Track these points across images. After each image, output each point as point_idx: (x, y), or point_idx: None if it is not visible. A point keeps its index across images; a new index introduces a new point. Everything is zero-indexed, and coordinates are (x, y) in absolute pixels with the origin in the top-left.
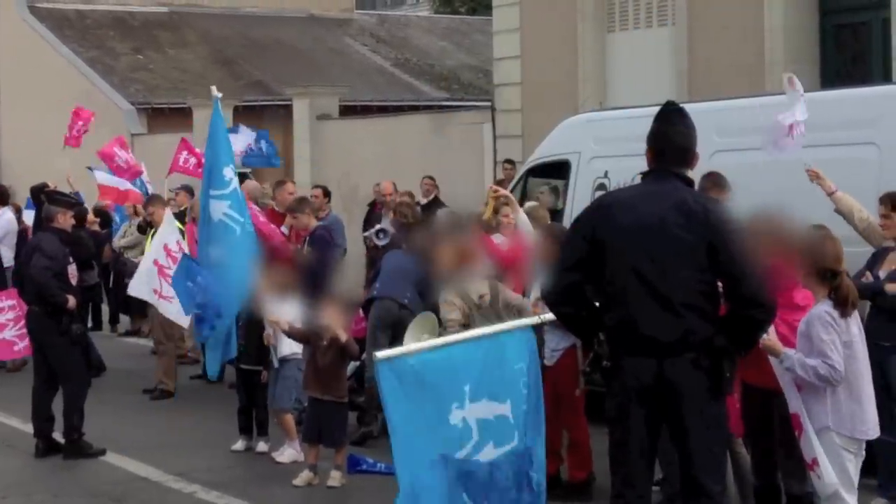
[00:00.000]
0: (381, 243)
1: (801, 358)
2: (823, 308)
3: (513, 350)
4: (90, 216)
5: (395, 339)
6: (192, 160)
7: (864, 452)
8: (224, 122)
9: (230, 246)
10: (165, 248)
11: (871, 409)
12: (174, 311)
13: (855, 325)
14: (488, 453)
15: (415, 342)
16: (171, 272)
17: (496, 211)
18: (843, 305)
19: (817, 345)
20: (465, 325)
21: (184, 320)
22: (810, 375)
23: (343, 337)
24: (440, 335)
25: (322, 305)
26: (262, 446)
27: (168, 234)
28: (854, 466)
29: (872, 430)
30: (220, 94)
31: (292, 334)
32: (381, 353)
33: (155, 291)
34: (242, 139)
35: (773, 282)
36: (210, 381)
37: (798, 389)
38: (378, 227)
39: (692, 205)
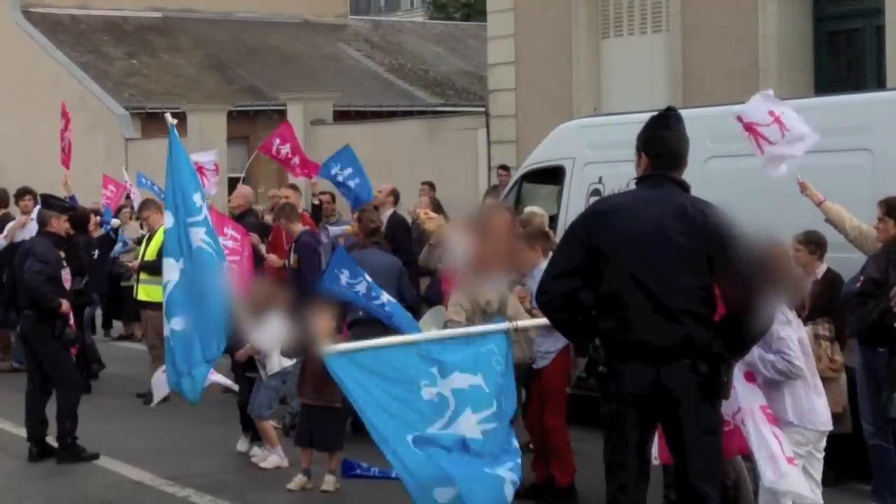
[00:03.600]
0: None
1: (760, 352)
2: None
3: (482, 338)
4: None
5: None
6: (286, 149)
7: (823, 450)
8: (183, 147)
9: (211, 272)
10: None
11: (825, 402)
12: None
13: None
14: (467, 419)
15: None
16: None
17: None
18: (802, 308)
19: (775, 343)
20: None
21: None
22: (770, 370)
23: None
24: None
25: (310, 311)
26: (256, 451)
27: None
28: (818, 461)
29: (828, 422)
30: (175, 121)
31: (285, 351)
32: (331, 348)
33: None
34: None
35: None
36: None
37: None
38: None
39: (691, 211)
